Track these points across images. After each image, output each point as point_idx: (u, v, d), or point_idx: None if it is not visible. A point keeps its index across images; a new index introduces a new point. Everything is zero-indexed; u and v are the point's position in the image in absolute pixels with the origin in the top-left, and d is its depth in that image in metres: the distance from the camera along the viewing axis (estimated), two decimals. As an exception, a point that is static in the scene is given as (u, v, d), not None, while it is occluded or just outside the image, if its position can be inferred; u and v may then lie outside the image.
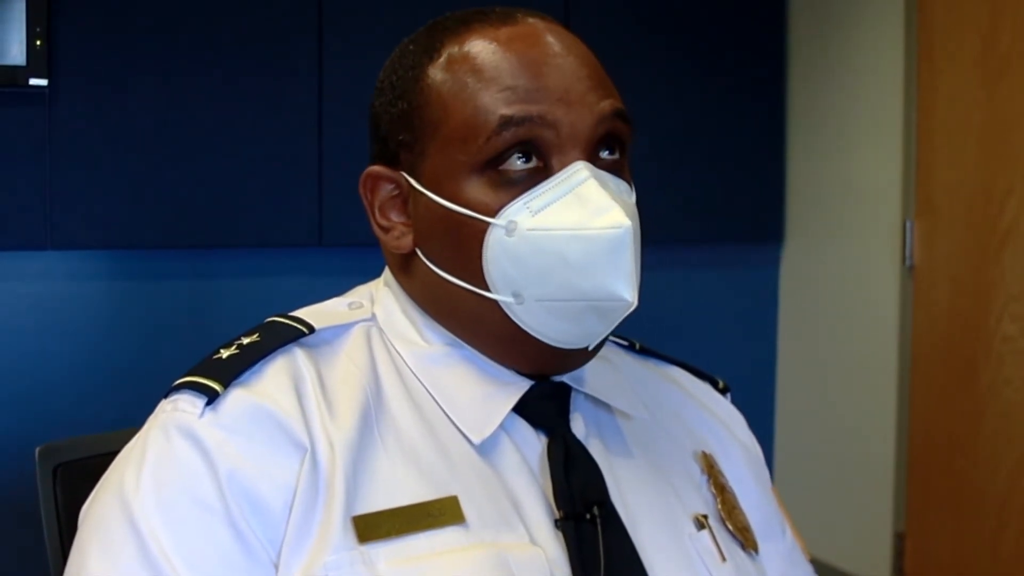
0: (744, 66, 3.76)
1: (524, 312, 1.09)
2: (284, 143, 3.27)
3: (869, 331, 3.53)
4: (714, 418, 1.31)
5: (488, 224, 1.08)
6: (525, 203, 1.07)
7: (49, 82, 3.00)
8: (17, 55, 2.94)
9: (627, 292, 1.05)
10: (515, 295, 1.08)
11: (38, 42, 2.95)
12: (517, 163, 1.08)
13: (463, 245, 1.09)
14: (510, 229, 1.07)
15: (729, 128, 3.76)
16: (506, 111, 1.07)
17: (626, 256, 1.05)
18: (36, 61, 2.96)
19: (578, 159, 1.08)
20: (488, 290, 1.09)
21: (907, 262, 3.37)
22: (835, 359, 3.69)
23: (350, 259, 3.22)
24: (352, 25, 3.30)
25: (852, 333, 3.61)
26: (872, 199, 3.52)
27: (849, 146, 3.61)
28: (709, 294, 3.87)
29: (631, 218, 1.05)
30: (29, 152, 3.04)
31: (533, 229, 1.06)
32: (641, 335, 1.34)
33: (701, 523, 1.17)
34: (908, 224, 3.36)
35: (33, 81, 2.97)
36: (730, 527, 1.19)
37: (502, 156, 1.07)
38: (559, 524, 1.08)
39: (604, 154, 1.11)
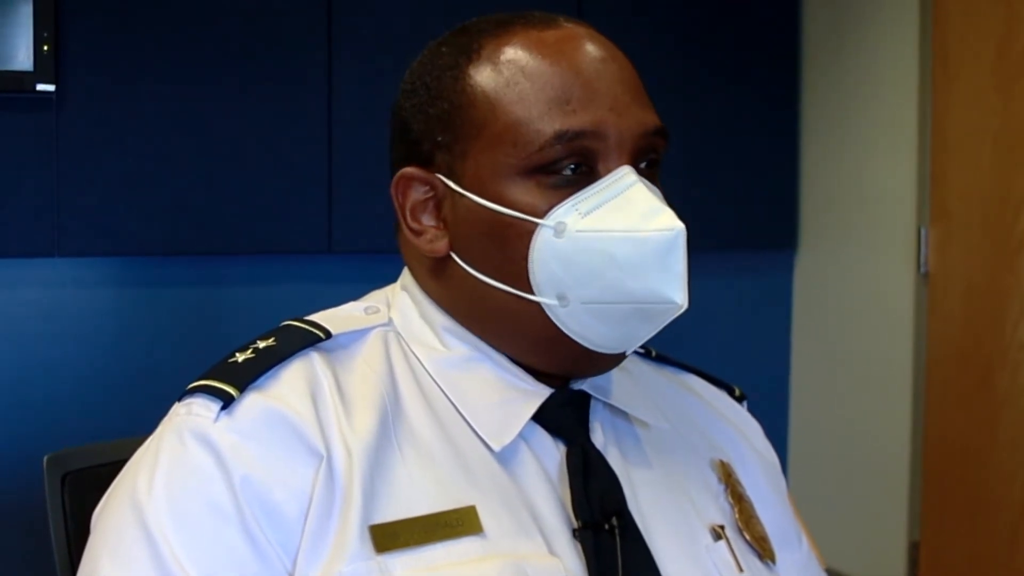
0: (757, 71, 3.75)
1: (567, 315, 1.08)
2: (293, 149, 3.26)
3: (883, 338, 3.52)
4: (731, 426, 1.31)
5: (536, 225, 1.07)
6: (574, 205, 1.07)
7: (56, 88, 2.99)
8: (24, 60, 2.92)
9: (677, 294, 1.06)
10: (560, 297, 1.08)
11: (45, 47, 2.94)
12: (566, 170, 1.08)
13: (508, 247, 1.09)
14: (559, 230, 1.07)
15: (742, 134, 3.75)
16: (561, 126, 1.07)
17: (678, 258, 1.05)
18: (43, 66, 2.95)
19: (624, 164, 1.09)
20: (532, 292, 1.09)
21: (922, 269, 3.35)
22: (849, 366, 3.68)
23: (360, 266, 3.23)
24: (362, 31, 3.30)
25: (866, 340, 3.60)
26: (886, 205, 3.51)
27: (863, 152, 3.60)
28: (722, 301, 3.86)
29: (682, 221, 1.06)
30: (36, 158, 3.03)
31: (583, 230, 1.06)
32: (655, 341, 1.32)
33: (718, 534, 1.16)
34: (923, 231, 3.34)
35: (40, 87, 2.96)
36: (747, 537, 1.19)
37: (552, 165, 1.08)
38: (577, 534, 1.07)
39: (642, 166, 1.12)
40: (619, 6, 3.55)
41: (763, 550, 1.19)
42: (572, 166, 1.08)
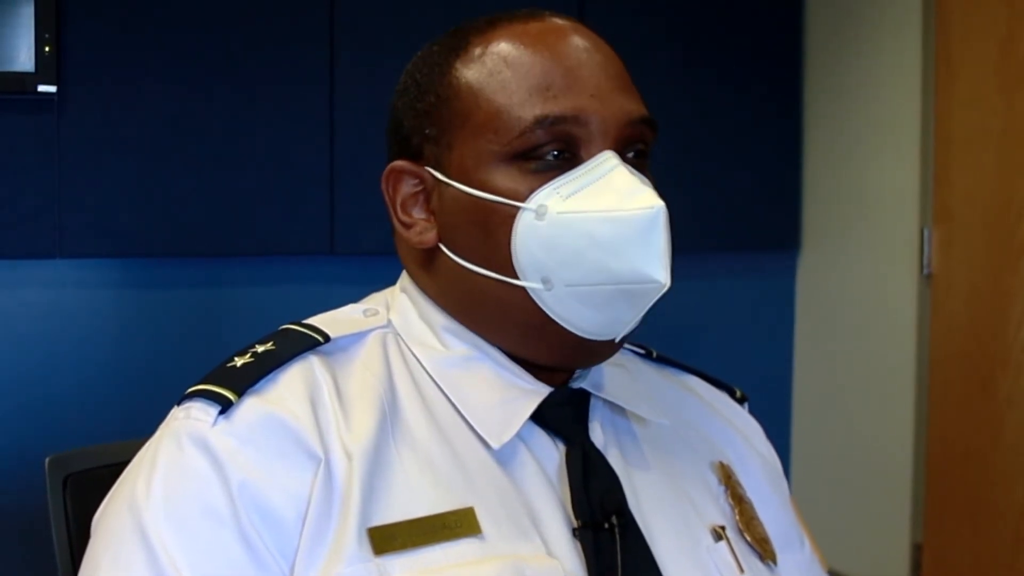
0: (760, 72, 3.75)
1: (553, 299, 1.08)
2: (296, 150, 3.26)
3: (886, 340, 3.51)
4: (732, 428, 1.31)
5: (518, 209, 1.08)
6: (555, 188, 1.07)
7: (58, 89, 2.99)
8: (26, 61, 2.92)
9: (659, 273, 1.05)
10: (544, 281, 1.08)
11: (47, 48, 2.94)
12: (548, 156, 1.09)
13: (491, 232, 1.09)
14: (540, 213, 1.07)
15: (745, 134, 3.74)
16: (541, 111, 1.08)
17: (659, 236, 1.05)
18: (45, 67, 2.95)
19: (606, 149, 1.09)
20: (516, 277, 1.09)
21: (924, 270, 3.35)
22: (852, 368, 3.67)
23: (362, 267, 3.23)
24: (364, 32, 3.30)
25: (869, 342, 3.60)
26: (889, 206, 3.50)
27: (866, 153, 3.60)
28: (725, 302, 3.85)
29: (662, 200, 1.06)
30: (38, 159, 3.03)
31: (564, 212, 1.06)
32: (656, 342, 1.33)
33: (719, 534, 1.16)
34: (925, 232, 3.34)
35: (42, 88, 2.95)
36: (748, 538, 1.19)
37: (534, 150, 1.08)
38: (577, 533, 1.07)
39: (630, 155, 1.12)
40: (621, 6, 3.55)
41: (764, 551, 1.19)
42: (555, 152, 1.08)
